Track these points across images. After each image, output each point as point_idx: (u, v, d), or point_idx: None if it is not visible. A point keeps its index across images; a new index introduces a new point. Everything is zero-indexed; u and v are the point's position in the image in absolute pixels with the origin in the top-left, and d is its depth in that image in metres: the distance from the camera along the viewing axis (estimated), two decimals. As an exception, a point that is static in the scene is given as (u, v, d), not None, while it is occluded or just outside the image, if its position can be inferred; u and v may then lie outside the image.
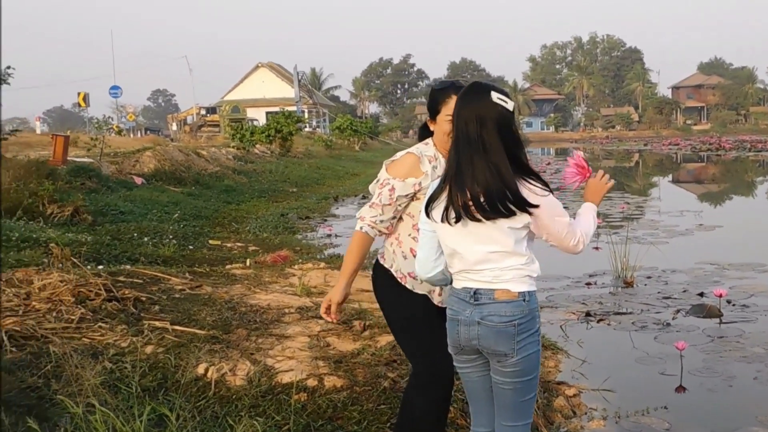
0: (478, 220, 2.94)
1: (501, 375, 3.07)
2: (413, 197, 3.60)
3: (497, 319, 2.98)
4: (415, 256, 3.39)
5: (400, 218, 3.68)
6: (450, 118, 3.25)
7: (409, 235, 3.65)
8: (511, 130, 2.98)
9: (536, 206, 2.92)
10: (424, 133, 3.73)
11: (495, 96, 2.96)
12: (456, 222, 2.98)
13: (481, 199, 2.90)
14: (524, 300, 3.00)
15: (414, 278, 3.62)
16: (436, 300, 3.65)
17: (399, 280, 3.69)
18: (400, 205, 3.60)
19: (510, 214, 2.91)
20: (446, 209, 3.00)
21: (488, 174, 2.90)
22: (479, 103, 2.96)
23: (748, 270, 9.49)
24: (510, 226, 2.95)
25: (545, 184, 2.98)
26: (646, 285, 8.83)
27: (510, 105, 2.98)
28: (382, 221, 3.61)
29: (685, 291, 8.45)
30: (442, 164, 3.54)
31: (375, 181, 3.72)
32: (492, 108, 2.95)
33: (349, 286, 3.72)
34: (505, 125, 2.96)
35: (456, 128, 3.01)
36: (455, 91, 3.41)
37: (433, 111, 3.63)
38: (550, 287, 8.64)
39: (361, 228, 3.63)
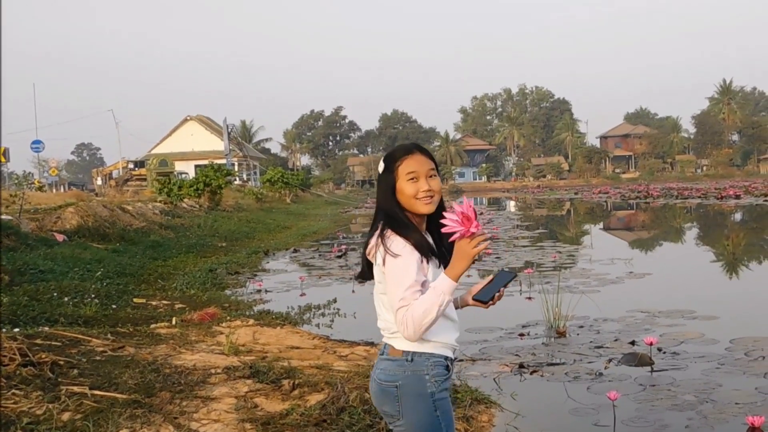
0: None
1: None
2: None
3: (383, 377, 2.84)
4: None
5: None
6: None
7: None
8: (381, 189, 2.91)
9: (376, 263, 2.83)
10: None
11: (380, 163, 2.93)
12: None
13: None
14: (407, 360, 2.80)
15: None
16: None
17: None
18: None
19: (367, 266, 2.91)
20: None
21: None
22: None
23: (678, 317, 9.54)
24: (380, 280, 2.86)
25: (416, 243, 2.76)
26: (578, 334, 8.80)
27: (380, 167, 2.91)
28: None
29: (616, 340, 8.44)
30: None
31: None
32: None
33: None
34: (379, 185, 2.93)
35: None
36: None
37: None
38: (483, 339, 8.55)
39: None
